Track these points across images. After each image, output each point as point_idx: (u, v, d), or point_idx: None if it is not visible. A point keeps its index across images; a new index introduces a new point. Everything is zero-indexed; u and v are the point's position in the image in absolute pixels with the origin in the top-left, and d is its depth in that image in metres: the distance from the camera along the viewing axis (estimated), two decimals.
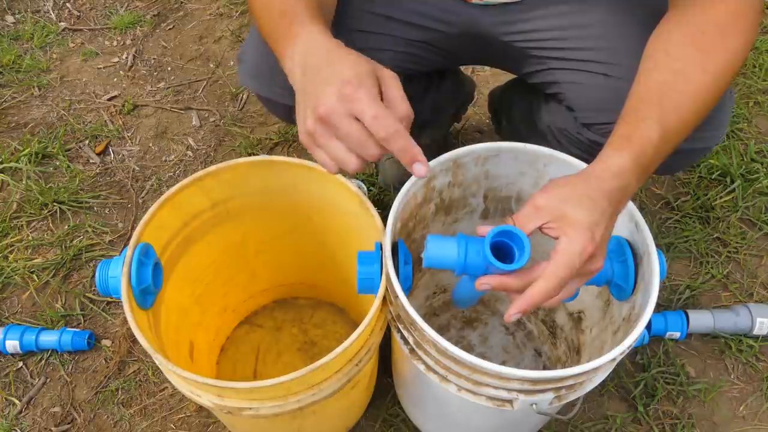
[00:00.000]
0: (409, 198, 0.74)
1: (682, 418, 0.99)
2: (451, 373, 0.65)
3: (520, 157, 0.77)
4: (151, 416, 1.00)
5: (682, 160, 0.79)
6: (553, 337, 0.99)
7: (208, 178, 0.78)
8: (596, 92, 0.78)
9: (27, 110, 1.44)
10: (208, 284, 0.92)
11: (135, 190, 1.29)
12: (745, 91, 1.44)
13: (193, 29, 1.62)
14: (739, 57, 0.63)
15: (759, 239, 1.20)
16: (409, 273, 0.69)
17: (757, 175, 1.27)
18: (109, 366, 1.05)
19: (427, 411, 0.87)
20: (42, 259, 1.18)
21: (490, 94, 1.20)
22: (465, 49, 0.89)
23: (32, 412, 1.01)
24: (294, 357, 1.04)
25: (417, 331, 0.65)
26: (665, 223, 1.22)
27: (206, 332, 0.98)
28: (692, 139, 0.73)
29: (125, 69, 1.53)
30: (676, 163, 0.78)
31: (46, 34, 1.60)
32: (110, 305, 1.13)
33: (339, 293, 1.06)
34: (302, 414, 0.73)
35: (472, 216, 0.88)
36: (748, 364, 1.05)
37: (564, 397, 0.66)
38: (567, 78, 0.81)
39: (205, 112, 1.44)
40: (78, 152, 1.36)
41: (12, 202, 1.26)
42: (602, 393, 1.01)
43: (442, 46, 0.87)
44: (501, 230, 0.56)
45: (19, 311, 1.12)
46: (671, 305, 1.11)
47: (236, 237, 0.90)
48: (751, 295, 1.13)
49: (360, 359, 0.70)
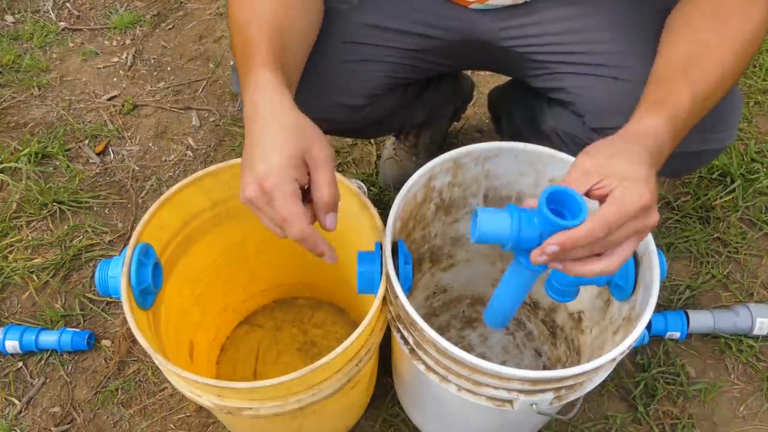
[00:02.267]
0: (409, 198, 0.74)
1: (682, 418, 0.99)
2: (451, 373, 0.65)
3: (520, 157, 0.77)
4: (151, 416, 1.00)
5: (694, 162, 0.78)
6: (553, 337, 0.99)
7: (208, 178, 0.78)
8: (605, 96, 0.77)
9: (27, 110, 1.44)
10: (208, 284, 0.92)
11: (135, 190, 1.29)
12: (745, 91, 1.44)
13: (193, 29, 1.62)
14: (760, 27, 0.63)
15: (759, 239, 1.20)
16: (409, 273, 0.69)
17: (757, 175, 1.27)
18: (109, 366, 1.05)
19: (427, 411, 0.87)
20: (42, 259, 1.18)
21: (489, 95, 1.19)
22: (464, 55, 0.87)
23: (32, 412, 1.01)
24: (294, 357, 1.04)
25: (417, 331, 0.65)
26: (665, 223, 1.22)
27: (206, 332, 0.98)
28: (704, 140, 0.73)
29: (125, 69, 1.53)
30: (687, 165, 0.78)
31: (45, 33, 1.60)
32: (110, 305, 1.13)
33: (339, 293, 1.06)
34: (302, 414, 0.73)
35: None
36: (748, 364, 1.05)
37: (564, 397, 0.66)
38: (574, 83, 0.80)
39: (205, 112, 1.44)
40: (78, 152, 1.36)
41: (12, 202, 1.26)
42: (602, 393, 1.01)
43: (441, 54, 0.86)
44: (554, 190, 0.51)
45: (19, 311, 1.12)
46: (671, 305, 1.11)
47: (236, 237, 0.90)
48: (751, 295, 1.13)
49: (360, 359, 0.70)
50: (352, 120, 0.87)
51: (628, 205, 0.51)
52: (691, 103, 0.60)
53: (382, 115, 0.92)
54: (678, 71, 0.63)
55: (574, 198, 0.51)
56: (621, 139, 0.57)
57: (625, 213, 0.51)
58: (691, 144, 0.72)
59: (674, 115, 0.59)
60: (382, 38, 0.81)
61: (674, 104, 0.59)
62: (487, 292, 1.06)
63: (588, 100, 0.79)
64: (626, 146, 0.56)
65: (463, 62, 0.92)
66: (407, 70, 0.86)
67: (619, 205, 0.51)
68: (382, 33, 0.81)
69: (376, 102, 0.87)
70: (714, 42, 0.63)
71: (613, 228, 0.51)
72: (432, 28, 0.82)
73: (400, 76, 0.86)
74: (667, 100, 0.60)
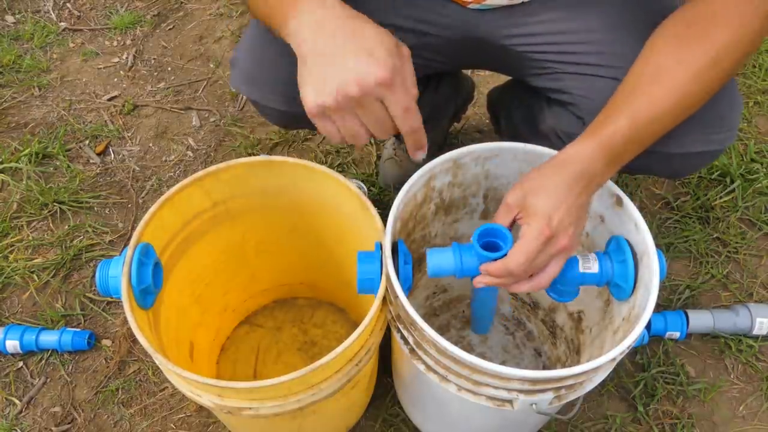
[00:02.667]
0: (409, 198, 0.75)
1: (681, 418, 0.99)
2: (451, 373, 0.65)
3: (520, 157, 0.77)
4: (151, 416, 1.00)
5: (695, 163, 0.77)
6: (553, 337, 0.99)
7: (208, 178, 0.78)
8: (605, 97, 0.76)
9: (27, 110, 1.44)
10: (208, 284, 0.92)
11: (135, 190, 1.29)
12: (745, 91, 1.44)
13: (193, 29, 1.62)
14: (723, 49, 0.62)
15: (759, 239, 1.20)
16: (409, 273, 0.69)
17: (756, 175, 1.27)
18: (109, 366, 1.05)
19: (426, 411, 0.87)
20: (42, 259, 1.18)
21: (488, 95, 1.19)
22: (464, 53, 0.87)
23: (32, 412, 1.01)
24: (294, 357, 1.04)
25: (417, 331, 0.65)
26: (665, 223, 1.22)
27: (206, 332, 0.98)
28: (704, 142, 0.73)
29: (125, 69, 1.53)
30: (689, 166, 0.77)
31: (46, 34, 1.60)
32: (110, 305, 1.13)
33: (339, 293, 1.06)
34: (302, 414, 0.73)
35: (472, 216, 0.88)
36: (747, 364, 1.05)
37: (564, 397, 0.66)
38: (574, 83, 0.80)
39: (205, 112, 1.44)
40: (78, 152, 1.36)
41: (12, 202, 1.26)
42: (602, 393, 1.01)
43: (440, 51, 0.86)
44: (485, 227, 0.64)
45: (19, 311, 1.12)
46: (671, 305, 1.11)
47: (236, 237, 0.90)
48: (751, 295, 1.13)
49: (360, 359, 0.70)
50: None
51: (532, 241, 0.60)
52: (629, 129, 0.62)
53: None
54: (624, 93, 0.64)
55: (502, 231, 0.64)
56: (550, 167, 0.63)
57: (531, 249, 0.60)
58: (692, 145, 0.72)
59: (608, 140, 0.62)
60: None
61: (609, 129, 0.62)
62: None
63: (588, 101, 0.79)
64: (551, 178, 0.62)
65: (463, 60, 0.92)
66: None
67: (525, 242, 0.60)
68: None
69: None
70: (668, 66, 0.63)
71: (530, 257, 0.60)
72: (431, 25, 0.82)
73: None
74: (605, 125, 0.62)
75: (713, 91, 0.64)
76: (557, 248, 0.61)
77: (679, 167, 0.77)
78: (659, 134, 0.65)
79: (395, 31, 0.81)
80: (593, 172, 0.62)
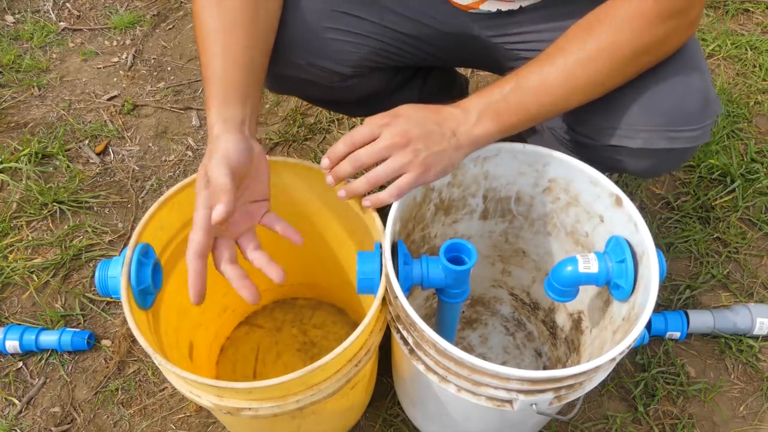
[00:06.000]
0: (409, 198, 0.74)
1: (682, 418, 0.99)
2: (451, 373, 0.65)
3: (519, 157, 0.77)
4: (151, 416, 1.00)
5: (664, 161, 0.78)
6: (553, 338, 0.99)
7: None
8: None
9: (27, 110, 1.44)
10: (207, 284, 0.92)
11: (135, 190, 1.29)
12: (745, 90, 1.44)
13: (192, 29, 1.62)
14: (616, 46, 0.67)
15: (759, 239, 1.20)
16: (408, 273, 0.69)
17: (757, 175, 1.27)
18: (109, 366, 1.05)
19: (426, 411, 0.87)
20: (42, 259, 1.18)
21: None
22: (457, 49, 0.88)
23: (32, 412, 1.01)
24: (294, 357, 1.04)
25: (417, 331, 0.65)
26: (665, 223, 1.22)
27: (206, 332, 0.98)
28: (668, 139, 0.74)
29: (125, 69, 1.53)
30: (659, 164, 0.78)
31: (45, 34, 1.60)
32: (110, 305, 1.13)
33: (339, 294, 1.06)
34: (302, 414, 0.73)
35: (472, 216, 0.88)
36: (748, 364, 1.05)
37: (564, 397, 0.66)
38: None
39: (204, 111, 1.44)
40: (78, 152, 1.36)
41: (12, 202, 1.26)
42: (602, 393, 1.01)
43: (434, 44, 0.87)
44: (451, 243, 0.69)
45: (19, 311, 1.12)
46: (671, 305, 1.11)
47: None
48: (751, 295, 1.13)
49: (359, 360, 0.70)
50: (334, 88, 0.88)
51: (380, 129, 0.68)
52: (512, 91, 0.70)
53: (366, 95, 0.93)
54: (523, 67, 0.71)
55: (467, 246, 0.68)
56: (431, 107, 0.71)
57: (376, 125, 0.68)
58: (657, 141, 0.73)
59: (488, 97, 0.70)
60: (378, 15, 0.82)
61: (496, 88, 0.70)
62: (487, 293, 1.06)
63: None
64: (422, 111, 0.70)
65: (457, 57, 0.93)
66: (396, 53, 0.86)
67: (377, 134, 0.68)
68: (378, 11, 0.82)
69: (363, 77, 0.88)
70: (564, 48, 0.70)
71: (374, 132, 0.68)
72: (428, 17, 0.84)
73: (389, 56, 0.86)
74: (493, 85, 0.71)
75: (604, 81, 0.69)
76: (403, 153, 0.67)
77: (647, 165, 0.77)
78: (548, 107, 0.70)
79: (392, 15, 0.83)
80: (465, 120, 0.69)
